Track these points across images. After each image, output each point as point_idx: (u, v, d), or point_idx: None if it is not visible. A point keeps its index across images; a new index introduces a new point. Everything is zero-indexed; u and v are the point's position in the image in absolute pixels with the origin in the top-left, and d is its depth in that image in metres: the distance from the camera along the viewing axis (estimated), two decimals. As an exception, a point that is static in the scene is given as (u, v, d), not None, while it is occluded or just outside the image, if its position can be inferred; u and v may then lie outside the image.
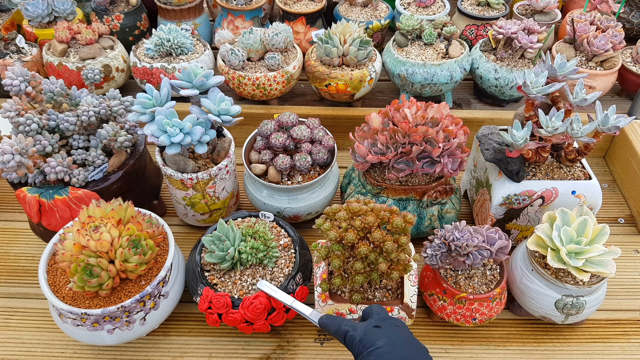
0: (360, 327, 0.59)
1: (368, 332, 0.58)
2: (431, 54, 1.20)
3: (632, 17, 1.51)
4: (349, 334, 0.59)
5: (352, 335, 0.58)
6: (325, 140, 0.94)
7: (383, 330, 0.58)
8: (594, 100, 0.81)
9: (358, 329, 0.59)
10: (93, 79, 0.96)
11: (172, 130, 0.81)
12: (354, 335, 0.58)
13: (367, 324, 0.60)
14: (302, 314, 0.70)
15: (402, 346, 0.55)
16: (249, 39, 1.15)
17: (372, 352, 0.55)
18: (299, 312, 0.70)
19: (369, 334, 0.57)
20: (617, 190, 1.16)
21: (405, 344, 0.56)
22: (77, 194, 0.83)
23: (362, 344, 0.57)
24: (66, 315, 0.73)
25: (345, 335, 0.59)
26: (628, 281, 0.96)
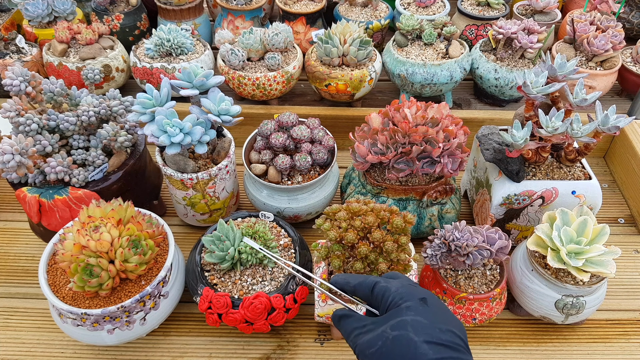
0: (394, 281, 0.53)
1: (406, 286, 0.51)
2: (431, 54, 1.20)
3: (632, 17, 1.51)
4: (380, 284, 0.52)
5: (386, 286, 0.51)
6: (325, 140, 0.94)
7: (422, 290, 0.52)
8: (594, 100, 0.81)
9: (391, 282, 0.52)
10: (93, 79, 0.96)
11: (172, 130, 0.81)
12: (388, 286, 0.51)
13: (401, 280, 0.54)
14: (307, 277, 0.65)
15: (444, 308, 0.50)
16: (249, 39, 1.15)
17: (412, 307, 0.48)
18: (303, 275, 0.65)
19: (407, 287, 0.51)
20: (617, 190, 1.16)
21: (446, 309, 0.51)
22: (77, 194, 0.83)
23: (399, 295, 0.50)
24: (66, 315, 0.73)
25: (375, 286, 0.52)
26: (628, 281, 0.96)
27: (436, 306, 0.49)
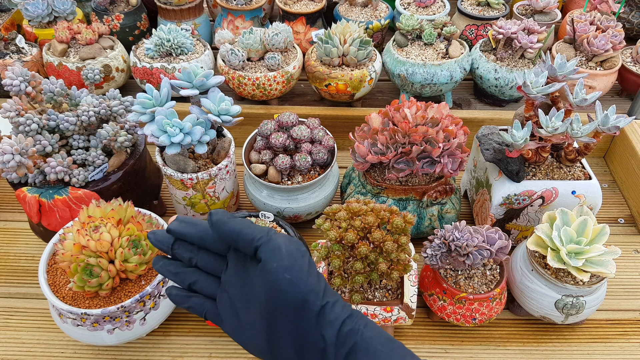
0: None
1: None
2: (431, 54, 1.20)
3: (632, 17, 1.51)
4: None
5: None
6: (325, 140, 0.94)
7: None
8: (594, 100, 0.81)
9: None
10: (93, 79, 0.96)
11: (172, 130, 0.81)
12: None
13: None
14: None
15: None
16: (249, 39, 1.15)
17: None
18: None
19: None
20: (617, 190, 1.16)
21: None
22: (77, 194, 0.83)
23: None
24: (66, 315, 0.73)
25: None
26: (628, 281, 0.96)
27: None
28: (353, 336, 0.38)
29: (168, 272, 0.45)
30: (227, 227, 0.41)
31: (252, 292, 0.40)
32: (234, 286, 0.42)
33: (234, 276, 0.42)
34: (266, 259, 0.39)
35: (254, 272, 0.40)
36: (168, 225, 0.44)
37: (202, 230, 0.43)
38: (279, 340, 0.39)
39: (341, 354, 0.38)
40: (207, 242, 0.43)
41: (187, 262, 0.45)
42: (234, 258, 0.43)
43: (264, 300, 0.39)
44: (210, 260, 0.44)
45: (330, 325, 0.38)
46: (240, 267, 0.42)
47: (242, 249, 0.40)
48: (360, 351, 0.38)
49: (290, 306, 0.38)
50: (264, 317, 0.39)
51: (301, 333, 0.39)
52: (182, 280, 0.45)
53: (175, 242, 0.45)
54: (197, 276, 0.44)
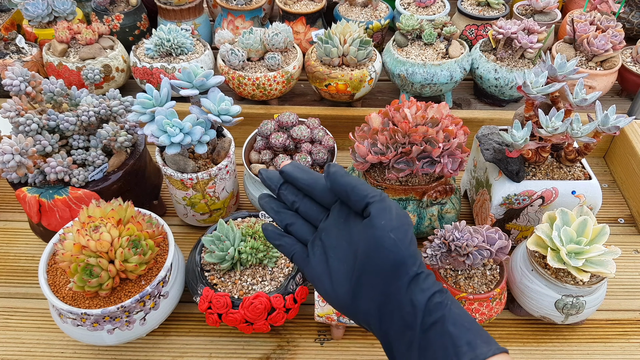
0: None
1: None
2: (431, 54, 1.20)
3: (632, 17, 1.51)
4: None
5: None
6: (325, 140, 0.94)
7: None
8: (594, 100, 0.81)
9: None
10: (93, 79, 0.96)
11: (172, 130, 0.81)
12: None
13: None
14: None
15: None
16: (249, 39, 1.15)
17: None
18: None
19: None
20: (617, 190, 1.16)
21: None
22: (77, 194, 0.83)
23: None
24: (66, 316, 0.73)
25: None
26: (628, 281, 0.96)
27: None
28: (442, 309, 0.39)
29: (271, 208, 0.48)
30: (344, 179, 0.42)
31: (349, 244, 0.42)
32: (330, 235, 0.44)
33: (333, 226, 0.44)
34: (376, 215, 0.40)
35: (355, 226, 0.42)
36: (282, 167, 0.47)
37: (313, 179, 0.46)
38: (365, 293, 0.41)
39: (426, 322, 0.39)
40: (315, 190, 0.46)
41: (289, 205, 0.48)
42: (337, 210, 0.45)
43: (361, 252, 0.40)
44: (312, 208, 0.47)
45: (421, 293, 0.39)
46: (341, 220, 0.44)
47: (352, 202, 0.42)
48: (448, 323, 0.39)
49: (387, 264, 0.39)
50: (357, 270, 0.41)
51: (390, 292, 0.40)
52: (281, 219, 0.47)
53: (284, 184, 0.47)
54: (295, 219, 0.47)
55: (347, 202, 0.43)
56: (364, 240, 0.40)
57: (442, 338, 0.38)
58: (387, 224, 0.39)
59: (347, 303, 0.42)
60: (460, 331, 0.38)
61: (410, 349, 0.39)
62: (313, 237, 0.46)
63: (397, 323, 0.40)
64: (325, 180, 0.44)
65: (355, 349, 0.84)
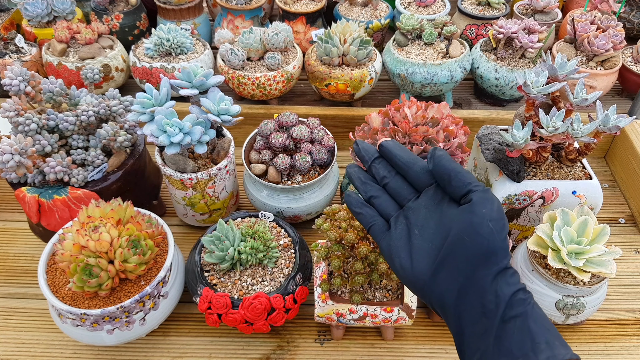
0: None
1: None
2: (431, 53, 1.20)
3: (632, 17, 1.51)
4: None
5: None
6: (325, 140, 0.93)
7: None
8: (595, 100, 0.81)
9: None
10: (92, 78, 0.96)
11: (172, 130, 0.80)
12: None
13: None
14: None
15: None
16: (248, 38, 1.15)
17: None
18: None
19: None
20: (617, 190, 1.16)
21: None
22: (76, 194, 0.83)
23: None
24: (65, 316, 0.73)
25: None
26: (628, 281, 0.96)
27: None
28: (524, 305, 0.40)
29: (358, 178, 0.49)
30: (449, 164, 0.43)
31: (438, 226, 0.43)
32: (418, 215, 0.44)
33: (422, 207, 0.45)
34: (477, 202, 0.41)
35: (449, 210, 0.43)
36: (382, 142, 0.47)
37: (412, 159, 0.46)
38: (448, 273, 0.41)
39: (507, 314, 0.39)
40: (411, 170, 0.46)
41: (378, 179, 0.48)
42: (431, 193, 0.45)
43: (454, 235, 0.41)
44: (402, 186, 0.47)
45: (507, 286, 0.40)
46: (433, 203, 0.44)
47: (452, 186, 0.42)
48: (529, 320, 0.39)
49: (479, 250, 0.40)
50: (444, 250, 0.41)
51: (475, 278, 0.40)
52: (367, 190, 0.48)
53: (378, 158, 0.48)
54: (381, 194, 0.47)
55: (446, 185, 0.43)
56: (460, 224, 0.41)
57: (521, 332, 0.38)
58: (488, 213, 0.40)
59: (424, 279, 0.42)
60: (541, 330, 0.39)
61: (485, 336, 0.39)
62: (397, 214, 0.46)
63: (475, 308, 0.40)
64: (427, 161, 0.45)
65: (355, 349, 0.84)
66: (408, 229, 0.44)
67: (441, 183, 0.44)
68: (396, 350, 0.84)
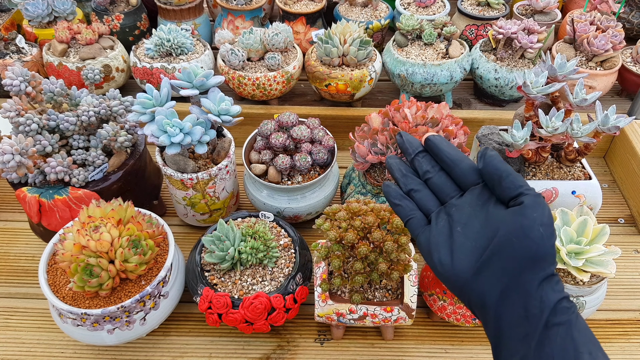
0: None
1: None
2: (431, 54, 1.20)
3: (632, 17, 1.51)
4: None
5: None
6: (325, 140, 0.94)
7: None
8: (594, 100, 0.81)
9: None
10: (93, 79, 0.96)
11: (172, 130, 0.81)
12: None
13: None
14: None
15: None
16: (249, 39, 1.15)
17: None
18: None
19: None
20: (617, 190, 1.16)
21: None
22: (77, 194, 0.83)
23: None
24: (66, 316, 0.73)
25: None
26: (628, 281, 0.96)
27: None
28: (568, 314, 0.39)
29: (399, 170, 0.47)
30: (501, 164, 0.42)
31: (484, 226, 0.42)
32: (462, 213, 0.44)
33: (466, 205, 0.44)
34: (529, 206, 0.40)
35: (496, 211, 0.42)
36: (429, 136, 0.46)
37: (459, 155, 0.45)
38: (492, 273, 0.41)
39: (551, 320, 0.39)
40: (458, 167, 0.45)
41: (420, 174, 0.47)
42: (477, 192, 0.44)
43: (502, 236, 0.40)
44: (446, 183, 0.46)
45: (552, 292, 0.39)
46: (479, 202, 0.44)
47: (502, 187, 0.42)
48: (573, 329, 0.39)
49: (528, 253, 0.39)
50: (490, 249, 0.41)
51: (520, 281, 0.40)
52: (407, 183, 0.47)
53: (422, 152, 0.47)
54: (422, 188, 0.46)
55: (495, 186, 0.43)
56: (509, 225, 0.40)
57: (564, 340, 0.38)
58: (539, 217, 0.40)
59: (465, 277, 0.42)
60: (584, 340, 0.39)
61: (526, 340, 0.39)
62: (438, 210, 0.45)
63: (517, 311, 0.40)
64: (477, 161, 0.44)
65: (355, 349, 0.84)
66: (450, 226, 0.44)
67: (490, 183, 0.43)
68: (396, 350, 0.84)
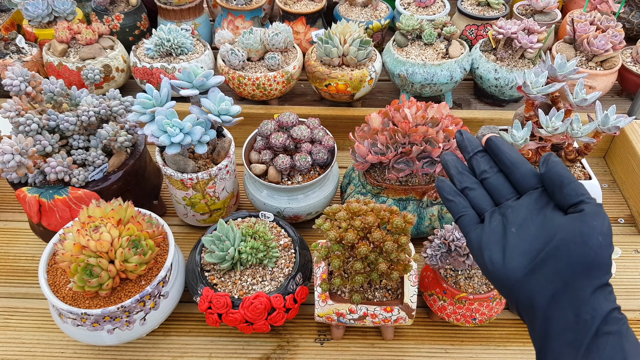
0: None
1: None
2: (431, 54, 1.20)
3: (632, 17, 1.51)
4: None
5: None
6: (325, 140, 0.94)
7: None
8: (594, 100, 0.81)
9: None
10: (93, 79, 0.96)
11: (172, 130, 0.81)
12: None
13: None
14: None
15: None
16: (249, 39, 1.15)
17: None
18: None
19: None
20: (617, 190, 1.16)
21: None
22: (77, 194, 0.83)
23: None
24: (66, 315, 0.73)
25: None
26: (628, 281, 0.96)
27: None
28: (619, 325, 0.40)
29: (455, 167, 0.47)
30: (563, 171, 0.43)
31: (540, 230, 0.42)
32: (517, 215, 0.44)
33: (523, 208, 0.44)
34: (590, 214, 0.41)
35: (553, 216, 0.42)
36: (490, 136, 0.46)
37: (520, 159, 0.45)
38: (545, 275, 0.41)
39: (602, 329, 0.39)
40: (518, 170, 0.45)
41: (477, 173, 0.47)
42: (536, 196, 0.44)
43: (559, 240, 0.41)
44: (504, 184, 0.46)
45: (605, 302, 0.40)
46: (536, 207, 0.44)
47: (563, 193, 0.42)
48: (623, 340, 0.39)
49: (584, 261, 0.40)
50: (546, 252, 0.41)
51: (574, 286, 0.40)
52: (462, 180, 0.47)
53: (482, 152, 0.47)
54: (477, 187, 0.46)
55: (556, 192, 0.43)
56: (567, 231, 0.41)
57: (613, 349, 0.38)
58: (599, 226, 0.40)
59: (516, 277, 0.42)
60: (635, 352, 0.39)
61: (573, 345, 0.39)
62: (492, 210, 0.45)
63: (567, 316, 0.40)
64: (540, 165, 0.44)
65: (355, 349, 0.84)
66: (504, 226, 0.44)
67: (550, 188, 0.44)
68: (396, 350, 0.84)
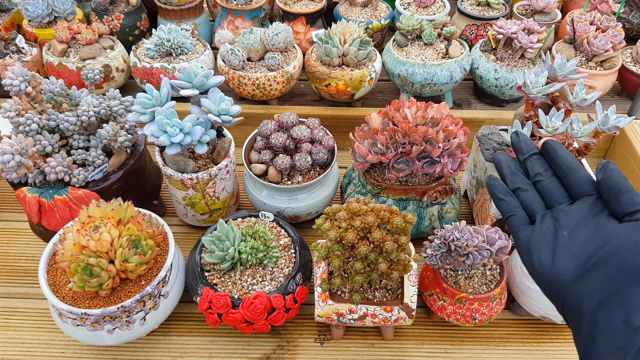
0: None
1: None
2: (431, 54, 1.20)
3: (632, 17, 1.51)
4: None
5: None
6: (325, 140, 0.94)
7: None
8: (594, 100, 0.81)
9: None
10: (93, 79, 0.96)
11: (172, 130, 0.81)
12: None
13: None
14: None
15: None
16: (249, 39, 1.15)
17: None
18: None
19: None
20: (617, 190, 1.16)
21: None
22: (77, 194, 0.83)
23: None
24: (66, 315, 0.73)
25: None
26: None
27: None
28: None
29: (508, 167, 0.47)
30: (621, 179, 0.42)
31: (592, 235, 0.42)
32: (570, 219, 0.44)
33: (576, 213, 0.44)
34: None
35: (608, 223, 0.42)
36: (548, 140, 0.46)
37: (577, 164, 0.45)
38: (596, 279, 0.41)
39: None
40: (573, 175, 0.45)
41: (531, 175, 0.47)
42: (590, 203, 0.44)
43: (613, 247, 0.40)
44: (557, 188, 0.46)
45: None
46: (590, 213, 0.44)
47: (619, 201, 0.42)
48: None
49: (637, 267, 0.39)
50: (598, 257, 0.41)
51: (624, 294, 0.40)
52: (514, 181, 0.47)
53: (537, 154, 0.47)
54: (530, 189, 0.46)
55: (612, 199, 0.43)
56: (622, 239, 0.41)
57: None
58: None
59: (565, 279, 0.42)
60: None
61: (619, 352, 0.39)
62: (544, 212, 0.45)
63: (616, 322, 0.40)
64: (597, 172, 0.44)
65: (355, 349, 0.84)
66: (555, 229, 0.44)
67: (606, 196, 0.43)
68: (396, 350, 0.84)
